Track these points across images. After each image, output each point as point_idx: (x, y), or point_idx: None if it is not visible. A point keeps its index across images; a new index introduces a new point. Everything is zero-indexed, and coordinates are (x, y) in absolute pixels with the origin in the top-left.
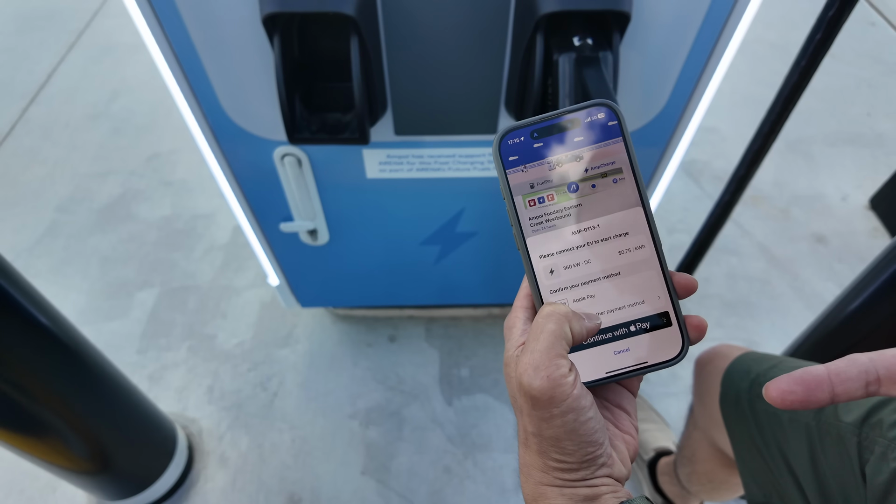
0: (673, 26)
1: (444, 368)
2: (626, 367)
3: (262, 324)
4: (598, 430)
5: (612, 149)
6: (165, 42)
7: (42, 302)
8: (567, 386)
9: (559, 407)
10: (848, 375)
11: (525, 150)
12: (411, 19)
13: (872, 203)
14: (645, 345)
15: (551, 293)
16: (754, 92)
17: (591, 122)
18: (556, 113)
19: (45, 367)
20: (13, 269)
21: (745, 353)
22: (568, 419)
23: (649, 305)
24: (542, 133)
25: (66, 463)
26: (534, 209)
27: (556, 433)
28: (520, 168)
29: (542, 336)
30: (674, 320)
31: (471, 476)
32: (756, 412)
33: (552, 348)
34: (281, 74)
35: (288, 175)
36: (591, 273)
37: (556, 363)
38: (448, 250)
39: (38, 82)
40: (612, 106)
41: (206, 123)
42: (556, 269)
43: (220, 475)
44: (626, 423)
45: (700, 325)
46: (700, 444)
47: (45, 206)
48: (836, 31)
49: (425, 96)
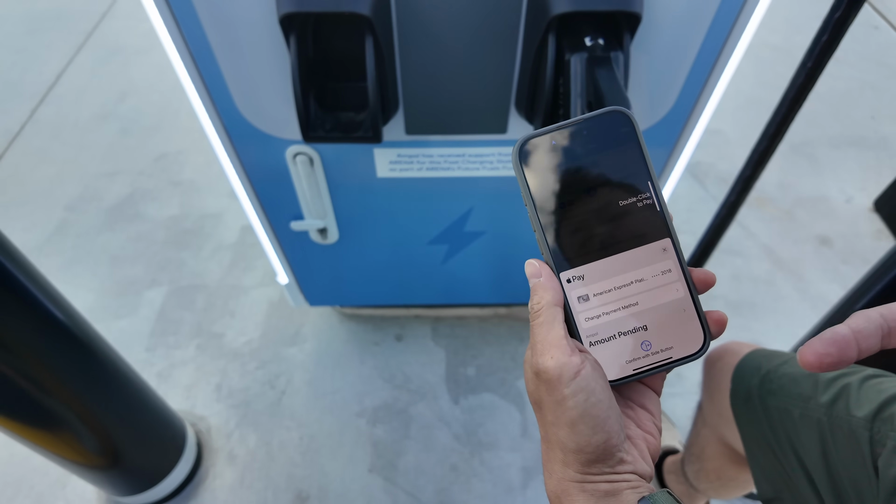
0: (682, 27)
1: (450, 367)
2: (651, 363)
3: (269, 322)
4: (612, 418)
5: (627, 153)
6: (182, 42)
7: (57, 297)
8: (574, 364)
9: (569, 386)
10: (868, 332)
11: (544, 157)
12: (424, 19)
13: (876, 205)
14: (668, 340)
15: (576, 292)
16: (758, 94)
17: (607, 129)
18: (575, 120)
19: (60, 361)
20: (30, 264)
21: (755, 349)
22: (579, 399)
23: (670, 301)
24: (561, 140)
25: (77, 457)
26: (555, 213)
27: (570, 416)
28: (540, 173)
29: (543, 326)
30: (694, 315)
31: (477, 474)
32: (767, 408)
33: (551, 331)
34: (297, 73)
35: (300, 174)
36: (615, 271)
37: (559, 345)
38: (456, 250)
39: (48, 83)
40: (627, 113)
41: (220, 122)
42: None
43: (228, 472)
44: (648, 423)
45: (720, 320)
46: (709, 442)
47: (54, 205)
48: (842, 33)
49: (436, 96)
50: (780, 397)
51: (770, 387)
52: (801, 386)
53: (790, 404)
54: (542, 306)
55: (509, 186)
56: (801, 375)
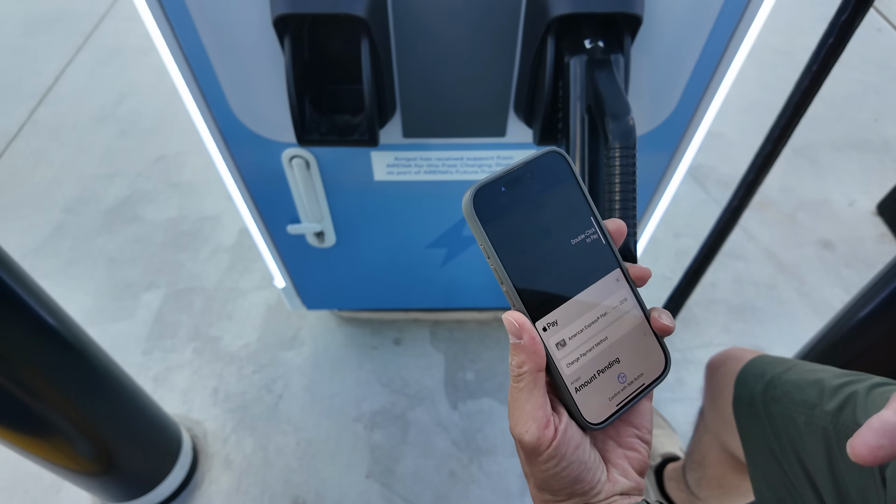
0: (684, 29)
1: (449, 372)
2: (629, 394)
3: (267, 326)
4: (584, 471)
5: (568, 191)
6: (176, 44)
7: (49, 302)
8: (548, 437)
9: (541, 456)
10: None
11: (497, 204)
12: (421, 21)
13: (880, 209)
14: (639, 367)
15: (545, 331)
16: (761, 97)
17: (546, 170)
18: (516, 165)
19: (52, 367)
20: (21, 269)
21: (758, 355)
22: (550, 465)
23: (632, 328)
24: (509, 185)
25: (70, 464)
26: (517, 261)
27: (543, 476)
28: (496, 222)
29: (521, 395)
30: (653, 337)
31: (476, 480)
32: (771, 415)
33: (528, 402)
34: (291, 76)
35: (296, 177)
36: (581, 309)
37: (535, 416)
38: (454, 253)
39: (46, 84)
40: (560, 152)
41: (216, 125)
42: (548, 309)
43: (224, 477)
44: (630, 439)
45: (643, 276)
46: (710, 449)
47: (52, 207)
48: (848, 36)
49: (434, 99)
50: (784, 404)
51: (774, 393)
52: (807, 393)
53: (795, 411)
54: (525, 372)
55: None
56: (807, 382)
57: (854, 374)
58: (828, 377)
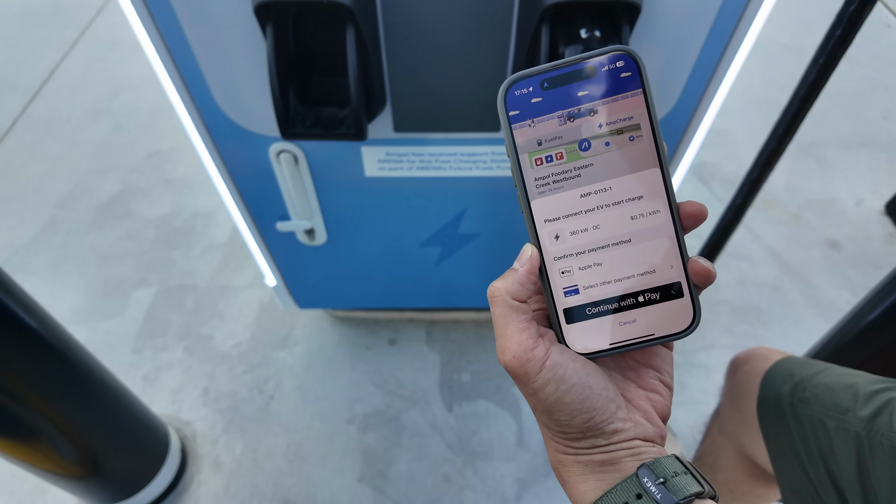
0: (685, 19)
1: (444, 373)
2: (632, 338)
3: (259, 325)
4: (592, 397)
5: (631, 102)
6: (157, 35)
7: (30, 303)
8: (536, 360)
9: (535, 381)
10: None
11: (533, 102)
12: (411, 10)
13: (888, 208)
14: (653, 316)
15: (555, 260)
16: (766, 94)
17: (609, 72)
18: (570, 60)
19: (33, 369)
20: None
21: (786, 356)
22: (549, 391)
23: (661, 275)
24: (553, 83)
25: (54, 468)
26: (540, 168)
27: (544, 405)
28: (527, 123)
29: (498, 321)
30: (686, 292)
31: (470, 485)
32: (798, 417)
33: (507, 327)
34: (273, 66)
35: (284, 172)
36: (599, 239)
37: (517, 340)
38: (449, 252)
39: (41, 78)
40: (633, 54)
41: (200, 119)
42: (562, 234)
43: (213, 480)
44: (651, 381)
45: (702, 272)
46: (724, 451)
47: (44, 202)
48: (856, 28)
49: (426, 91)
50: (813, 407)
51: (803, 395)
52: (839, 397)
53: (825, 415)
54: (496, 294)
55: (504, 187)
56: (840, 386)
57: (891, 381)
58: (863, 382)
